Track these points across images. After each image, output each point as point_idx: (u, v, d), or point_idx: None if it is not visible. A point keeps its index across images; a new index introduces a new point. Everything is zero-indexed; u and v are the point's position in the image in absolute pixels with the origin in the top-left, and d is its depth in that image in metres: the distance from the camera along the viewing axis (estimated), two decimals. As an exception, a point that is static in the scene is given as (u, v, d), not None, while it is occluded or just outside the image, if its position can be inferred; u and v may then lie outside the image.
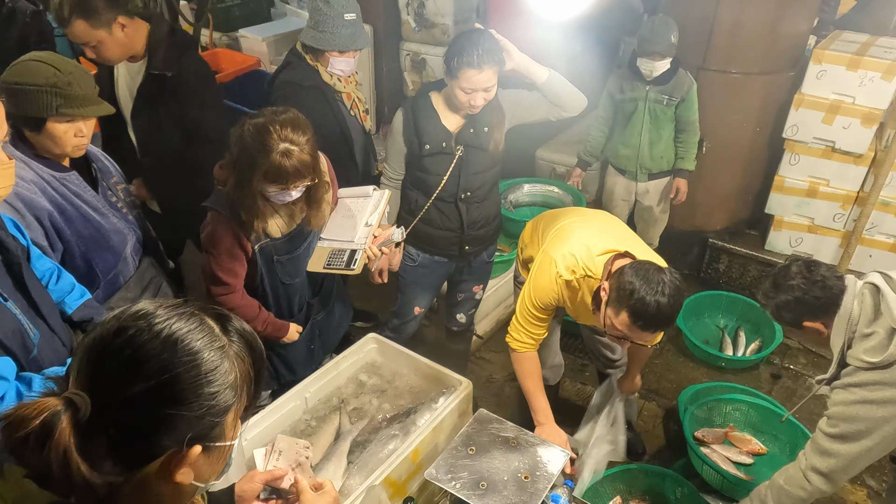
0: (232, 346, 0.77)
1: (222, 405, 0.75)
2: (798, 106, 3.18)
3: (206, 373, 0.73)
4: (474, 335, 3.05)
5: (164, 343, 0.71)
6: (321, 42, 2.36)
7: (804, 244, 3.47)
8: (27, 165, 1.70)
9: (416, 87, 4.27)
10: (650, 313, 1.65)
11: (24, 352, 1.31)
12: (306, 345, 2.31)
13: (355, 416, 2.07)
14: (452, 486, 1.50)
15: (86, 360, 0.71)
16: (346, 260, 2.10)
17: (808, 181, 3.33)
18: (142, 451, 0.71)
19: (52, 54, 1.68)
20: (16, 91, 1.58)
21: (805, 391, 3.11)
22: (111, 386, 0.69)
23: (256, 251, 2.01)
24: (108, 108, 1.74)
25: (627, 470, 2.38)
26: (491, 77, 2.09)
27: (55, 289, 1.54)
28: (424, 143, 2.26)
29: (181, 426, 0.71)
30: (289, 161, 1.77)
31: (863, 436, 1.68)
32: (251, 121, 1.82)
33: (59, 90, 1.60)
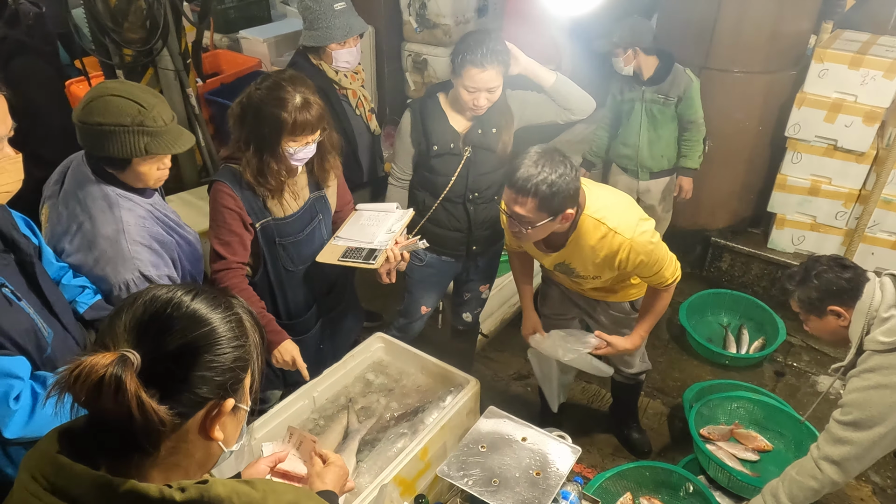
0: (241, 314, 0.88)
1: (244, 359, 0.85)
2: (800, 104, 3.19)
3: (233, 328, 0.84)
4: (480, 334, 3.06)
5: (191, 308, 0.82)
6: (319, 39, 2.38)
7: (806, 242, 3.49)
8: (132, 200, 1.64)
9: (417, 87, 4.28)
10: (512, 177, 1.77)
11: (38, 351, 1.31)
12: (315, 344, 2.31)
13: (363, 414, 2.08)
14: (465, 483, 1.51)
15: (125, 329, 0.79)
16: (366, 255, 2.09)
17: (810, 179, 3.34)
18: (188, 399, 0.80)
19: (127, 86, 1.57)
20: (99, 132, 1.50)
21: (808, 388, 3.12)
22: (155, 345, 0.78)
23: (258, 230, 1.99)
24: (191, 139, 1.66)
25: (637, 467, 2.39)
26: (494, 77, 2.10)
27: (68, 286, 1.55)
28: (432, 144, 2.27)
29: (216, 373, 0.81)
30: (309, 110, 1.82)
31: (876, 422, 1.70)
32: (256, 89, 1.84)
33: (145, 129, 1.52)
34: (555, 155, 1.79)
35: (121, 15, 2.90)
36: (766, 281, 3.64)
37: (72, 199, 1.60)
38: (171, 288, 0.84)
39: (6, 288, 1.25)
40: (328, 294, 2.30)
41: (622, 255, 1.93)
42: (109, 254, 1.55)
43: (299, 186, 2.06)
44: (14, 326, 1.25)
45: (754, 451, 2.55)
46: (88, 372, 0.73)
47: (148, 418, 0.75)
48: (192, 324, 0.81)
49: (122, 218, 1.58)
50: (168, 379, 0.78)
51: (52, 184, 1.70)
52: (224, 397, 0.83)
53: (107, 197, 1.59)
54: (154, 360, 0.77)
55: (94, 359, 0.74)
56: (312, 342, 2.29)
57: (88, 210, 1.58)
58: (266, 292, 2.13)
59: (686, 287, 3.67)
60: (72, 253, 1.58)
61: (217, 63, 4.91)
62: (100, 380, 0.73)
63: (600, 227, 1.92)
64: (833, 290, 1.84)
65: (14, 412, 1.20)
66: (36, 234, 1.48)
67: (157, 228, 1.66)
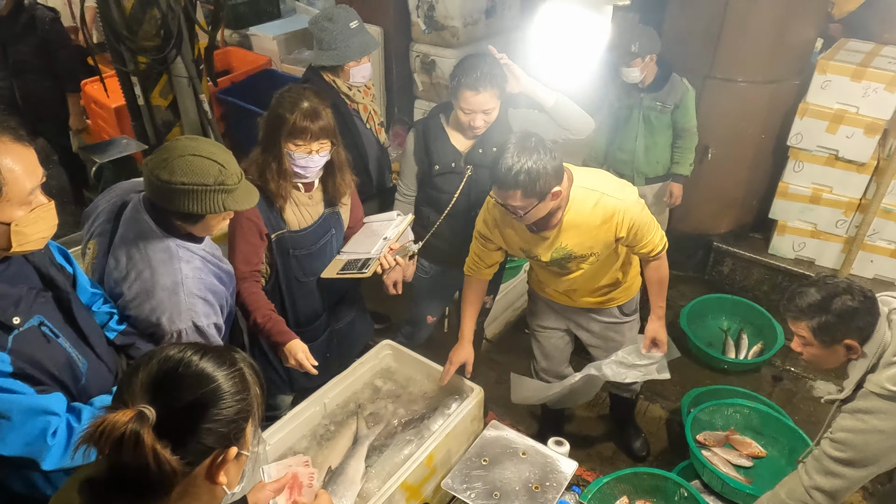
0: (244, 370, 0.98)
1: (246, 411, 0.96)
2: (803, 115, 3.23)
3: (236, 383, 0.95)
4: (483, 339, 3.14)
5: (199, 367, 0.93)
6: (338, 58, 2.43)
7: (807, 249, 3.54)
8: (190, 250, 1.68)
9: (426, 87, 4.32)
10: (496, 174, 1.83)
11: (73, 381, 1.38)
12: (322, 352, 2.39)
13: (372, 420, 2.16)
14: (468, 496, 1.59)
15: (141, 386, 0.90)
16: (360, 266, 2.20)
17: (811, 188, 3.39)
18: (196, 449, 0.90)
19: (202, 144, 1.61)
20: (182, 191, 1.54)
21: (805, 393, 3.19)
22: (167, 402, 0.89)
23: (273, 241, 2.09)
24: (257, 194, 1.72)
25: (633, 473, 2.47)
26: (489, 100, 2.17)
27: (98, 312, 1.62)
28: (434, 164, 2.35)
29: (221, 426, 0.91)
30: (312, 118, 1.93)
31: (870, 462, 1.72)
32: (279, 94, 1.99)
33: (225, 187, 1.57)
34: (528, 142, 1.85)
35: (135, 23, 2.95)
36: (766, 286, 3.71)
37: (132, 247, 1.64)
38: (182, 348, 0.94)
39: (45, 326, 1.32)
40: (337, 304, 2.38)
41: (617, 218, 2.01)
42: (166, 304, 1.61)
43: (314, 201, 2.15)
44: (52, 362, 1.32)
45: (748, 457, 2.63)
46: (111, 429, 0.83)
47: (162, 468, 0.86)
48: (200, 381, 0.91)
49: (181, 269, 1.63)
50: (179, 431, 0.88)
51: (101, 221, 1.73)
52: (228, 446, 0.93)
53: (168, 249, 1.64)
54: (167, 414, 0.87)
55: (115, 416, 0.85)
56: (320, 350, 2.36)
57: (149, 261, 1.62)
58: (276, 300, 2.21)
59: (687, 291, 3.74)
60: (129, 299, 1.64)
61: (228, 61, 4.96)
62: (121, 436, 0.83)
63: (593, 193, 2.01)
64: (855, 325, 1.73)
65: (51, 447, 1.29)
66: (70, 263, 1.56)
67: (210, 279, 1.72)
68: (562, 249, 2.11)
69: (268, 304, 2.06)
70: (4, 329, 1.25)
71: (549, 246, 2.11)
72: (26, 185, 1.21)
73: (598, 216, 2.02)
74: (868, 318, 1.73)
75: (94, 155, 3.05)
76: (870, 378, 1.73)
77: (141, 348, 1.62)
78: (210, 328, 1.69)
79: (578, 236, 2.07)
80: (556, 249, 2.11)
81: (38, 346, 1.30)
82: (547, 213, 1.95)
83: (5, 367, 1.24)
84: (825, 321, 1.75)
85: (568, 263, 2.17)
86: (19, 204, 1.21)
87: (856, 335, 1.74)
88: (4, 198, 1.18)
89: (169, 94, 3.22)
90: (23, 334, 1.28)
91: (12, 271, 1.31)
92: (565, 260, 2.14)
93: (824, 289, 1.77)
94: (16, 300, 1.28)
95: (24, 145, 1.22)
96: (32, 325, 1.30)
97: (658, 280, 2.25)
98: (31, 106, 3.81)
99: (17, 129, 1.21)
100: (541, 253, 2.13)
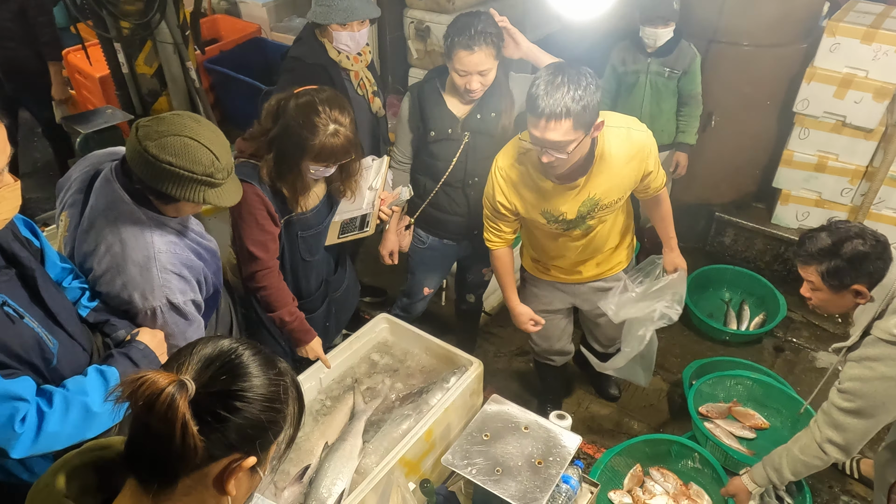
0: (289, 384, 0.92)
1: (278, 423, 0.89)
2: (810, 79, 3.14)
3: (274, 391, 0.89)
4: (483, 312, 3.09)
5: (251, 361, 0.89)
6: (322, 16, 2.33)
7: (811, 218, 3.48)
8: (164, 223, 1.60)
9: (420, 55, 4.20)
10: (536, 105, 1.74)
11: (44, 363, 1.31)
12: (322, 322, 2.35)
13: (369, 395, 2.12)
14: (468, 472, 1.55)
15: (198, 357, 0.86)
16: (359, 224, 2.15)
17: (816, 155, 3.32)
18: (219, 440, 0.84)
19: (205, 129, 1.51)
20: (166, 171, 1.45)
21: (807, 363, 3.16)
22: (211, 380, 0.84)
23: (282, 225, 2.03)
24: (240, 192, 1.64)
25: (645, 441, 2.46)
26: (484, 60, 2.06)
27: (69, 288, 1.54)
28: (430, 130, 2.25)
29: (248, 426, 0.86)
30: (338, 141, 1.84)
31: (879, 410, 1.71)
32: (296, 99, 1.86)
33: (211, 181, 1.49)
34: (569, 68, 1.74)
35: (117, -14, 2.83)
36: (769, 256, 3.65)
37: (101, 218, 1.55)
38: (242, 343, 0.91)
39: (8, 306, 1.24)
40: (334, 274, 2.35)
41: (645, 152, 1.98)
42: (138, 280, 1.53)
43: (318, 183, 2.09)
44: (19, 344, 1.24)
45: (751, 428, 2.61)
46: (150, 385, 0.80)
47: (185, 442, 0.81)
48: (242, 374, 0.87)
49: (154, 244, 1.55)
50: (209, 415, 0.83)
51: (72, 191, 1.64)
52: (249, 453, 0.87)
53: (139, 221, 1.55)
54: (205, 394, 0.84)
55: (158, 375, 0.81)
56: (320, 320, 2.34)
57: (119, 234, 1.54)
58: None
59: (689, 261, 3.64)
60: (99, 275, 1.56)
61: (216, 29, 4.82)
62: (157, 394, 0.80)
63: (619, 130, 1.95)
64: (865, 270, 1.71)
65: (20, 434, 1.21)
66: (38, 236, 1.47)
67: (186, 253, 1.63)
68: (590, 201, 2.01)
69: (291, 300, 2.08)
70: None
71: (576, 198, 2.00)
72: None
73: (627, 153, 1.96)
74: (879, 262, 1.71)
75: (78, 125, 2.95)
76: (877, 324, 1.72)
77: (116, 325, 1.54)
78: (188, 305, 1.61)
79: (609, 180, 1.98)
80: (585, 202, 2.00)
81: (2, 328, 1.22)
82: (581, 155, 1.86)
83: None
84: (834, 266, 1.72)
85: (592, 219, 2.07)
86: None
87: (865, 280, 1.73)
88: None
89: (154, 62, 3.11)
90: None
91: None
92: (591, 214, 2.04)
93: (835, 233, 1.76)
94: None
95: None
96: None
97: (666, 213, 2.27)
98: (12, 76, 3.68)
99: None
100: (567, 210, 2.02)
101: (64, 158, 4.09)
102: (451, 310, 3.11)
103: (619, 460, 2.44)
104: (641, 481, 2.41)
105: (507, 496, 1.49)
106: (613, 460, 2.41)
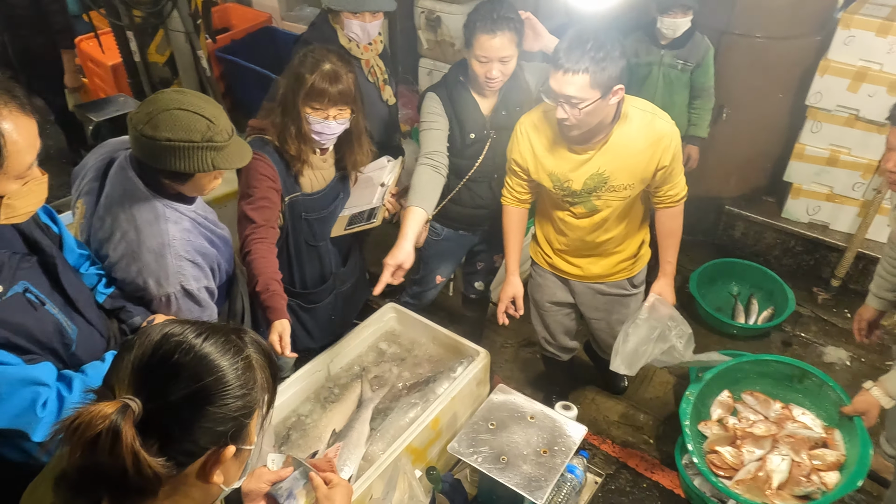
0: (252, 355, 0.86)
1: (250, 406, 0.84)
2: (823, 72, 3.11)
3: (241, 374, 0.82)
4: (490, 302, 3.10)
5: (200, 354, 0.80)
6: (335, 1, 2.33)
7: (822, 212, 3.46)
8: (178, 210, 1.60)
9: (430, 45, 4.19)
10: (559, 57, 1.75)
11: (64, 349, 1.33)
12: (327, 314, 2.36)
13: (376, 383, 2.14)
14: (474, 460, 1.56)
15: (132, 371, 0.78)
16: (367, 216, 2.16)
17: (829, 149, 3.29)
18: (188, 449, 0.79)
19: (190, 97, 1.51)
20: (167, 148, 1.45)
21: (815, 358, 3.15)
22: (159, 392, 0.77)
23: (286, 204, 2.03)
24: (250, 152, 1.62)
25: (729, 368, 2.36)
26: (507, 45, 2.05)
27: (86, 275, 1.57)
28: (469, 133, 2.24)
29: (219, 424, 0.80)
30: (332, 80, 1.86)
31: None
32: (301, 53, 1.92)
33: (214, 144, 1.48)
34: (599, 31, 1.76)
35: (129, -26, 2.85)
36: (778, 250, 3.64)
37: (116, 206, 1.57)
38: (183, 327, 0.82)
39: (30, 292, 1.27)
40: (342, 267, 2.35)
41: (664, 143, 1.95)
42: (153, 267, 1.54)
43: (328, 165, 2.10)
44: (40, 330, 1.27)
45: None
46: (87, 426, 0.72)
47: (142, 472, 0.74)
48: (199, 371, 0.79)
49: (168, 231, 1.56)
50: (170, 428, 0.76)
51: (88, 179, 1.66)
52: (225, 444, 0.82)
53: (154, 208, 1.56)
54: (156, 408, 0.75)
55: (94, 409, 0.73)
56: (324, 313, 2.34)
57: (134, 221, 1.55)
58: (284, 263, 2.16)
59: (697, 255, 3.67)
60: (115, 261, 1.58)
61: (227, 18, 4.83)
62: (96, 432, 0.72)
63: (645, 114, 1.96)
64: None
65: (41, 419, 1.24)
66: (56, 222, 1.50)
67: (200, 241, 1.64)
68: (598, 176, 1.99)
69: (273, 273, 1.90)
70: None
71: (584, 168, 1.99)
72: (27, 158, 1.15)
73: (645, 138, 1.95)
74: None
75: (91, 113, 2.98)
76: None
77: (132, 311, 1.56)
78: (201, 292, 1.63)
79: (621, 161, 1.97)
80: (593, 175, 1.99)
81: (24, 314, 1.25)
82: (599, 120, 1.86)
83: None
84: None
85: (598, 199, 2.04)
86: (16, 177, 1.16)
87: None
88: (3, 170, 1.12)
89: (166, 50, 3.13)
90: (6, 302, 1.23)
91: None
92: (597, 191, 2.02)
93: None
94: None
95: (29, 116, 1.15)
96: (17, 291, 1.25)
97: (673, 231, 2.18)
98: (25, 63, 3.71)
99: (23, 99, 1.15)
100: (574, 178, 2.01)
101: (77, 146, 4.13)
102: (458, 300, 3.12)
103: (709, 388, 2.29)
104: (732, 408, 2.25)
105: (511, 484, 1.51)
106: (703, 389, 2.24)
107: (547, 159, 2.03)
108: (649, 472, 2.64)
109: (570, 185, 2.03)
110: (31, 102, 1.17)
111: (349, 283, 2.40)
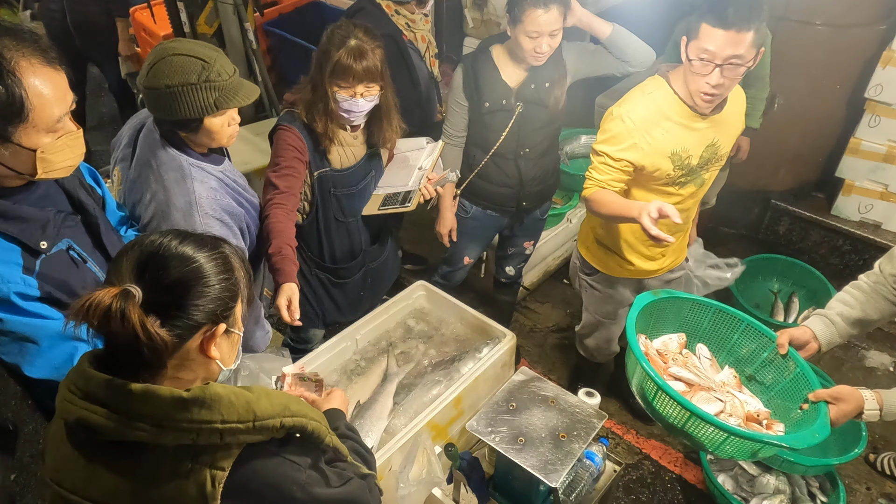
0: (228, 252, 1.03)
1: (232, 290, 1.01)
2: (886, 64, 2.96)
3: (219, 264, 1.00)
4: (521, 287, 3.09)
5: (182, 248, 0.98)
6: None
7: (874, 211, 3.32)
8: (204, 170, 1.63)
9: (476, 24, 4.15)
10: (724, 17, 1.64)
11: None
12: (357, 290, 2.39)
13: (402, 359, 2.17)
14: (492, 440, 1.58)
15: (127, 268, 0.95)
16: (402, 199, 2.17)
17: (886, 145, 3.14)
18: (184, 323, 0.95)
19: (186, 43, 1.54)
20: (168, 94, 1.48)
21: (855, 362, 3.05)
22: (152, 279, 0.94)
23: (315, 178, 2.06)
24: (256, 90, 1.63)
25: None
26: (557, 19, 2.04)
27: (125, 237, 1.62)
28: (484, 101, 2.24)
29: (208, 302, 0.97)
30: (357, 57, 1.87)
31: None
32: (331, 29, 1.93)
33: (212, 83, 1.50)
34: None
35: (181, -54, 2.90)
36: (824, 249, 3.51)
37: (145, 166, 1.62)
38: (164, 234, 0.99)
39: (73, 250, 1.32)
40: (372, 244, 2.37)
41: (744, 107, 1.99)
42: (182, 225, 1.58)
43: (358, 142, 2.11)
44: (81, 286, 1.31)
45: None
46: (97, 304, 0.89)
47: (151, 339, 0.91)
48: (181, 262, 0.96)
49: (194, 190, 1.60)
50: (166, 307, 0.94)
51: (122, 146, 1.72)
52: (216, 322, 0.99)
53: (181, 168, 1.60)
54: (152, 292, 0.93)
55: (100, 293, 0.90)
56: (353, 288, 2.37)
57: (162, 180, 1.60)
58: (314, 237, 2.21)
59: (738, 249, 3.57)
60: (147, 222, 1.63)
61: (276, -8, 4.85)
62: (107, 309, 0.88)
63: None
64: None
65: None
66: (100, 184, 1.55)
67: (227, 200, 1.68)
68: (712, 147, 1.93)
69: (287, 238, 1.87)
70: (32, 253, 1.25)
71: (704, 138, 1.90)
72: (55, 111, 1.17)
73: (739, 102, 1.97)
74: None
75: (141, 81, 3.06)
76: None
77: None
78: None
79: (729, 127, 1.95)
80: (708, 146, 1.92)
81: (67, 271, 1.30)
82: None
83: (33, 291, 1.24)
84: None
85: (706, 172, 1.98)
86: (46, 130, 1.18)
87: None
88: (31, 123, 1.15)
89: (214, 22, 3.19)
90: (50, 258, 1.27)
91: (39, 194, 1.29)
92: (707, 164, 1.96)
93: None
94: (43, 224, 1.27)
95: (55, 68, 1.17)
96: (60, 248, 1.30)
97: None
98: (81, 31, 3.82)
99: (48, 51, 1.16)
100: (694, 152, 1.90)
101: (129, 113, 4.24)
102: (489, 282, 3.12)
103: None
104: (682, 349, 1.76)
105: (527, 466, 1.51)
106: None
107: (665, 143, 1.89)
108: (673, 465, 2.62)
109: (690, 161, 1.92)
110: (59, 55, 1.18)
111: (379, 261, 2.42)
